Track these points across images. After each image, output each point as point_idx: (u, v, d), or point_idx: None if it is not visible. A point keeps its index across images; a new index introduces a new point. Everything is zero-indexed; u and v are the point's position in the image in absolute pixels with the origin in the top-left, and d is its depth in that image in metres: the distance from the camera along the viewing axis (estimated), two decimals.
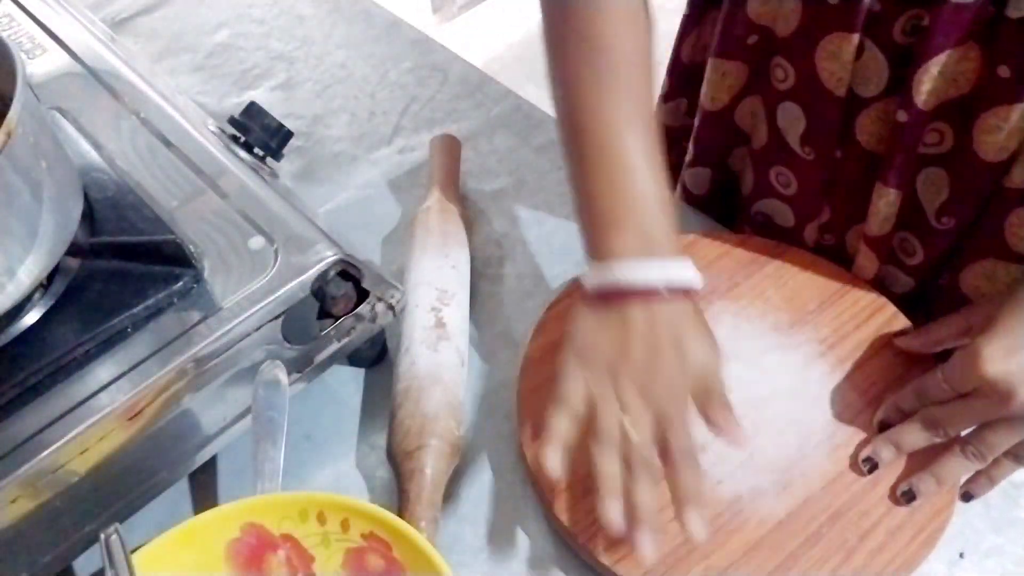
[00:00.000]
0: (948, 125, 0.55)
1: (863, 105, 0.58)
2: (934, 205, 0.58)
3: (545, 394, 0.57)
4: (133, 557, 0.47)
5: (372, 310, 0.57)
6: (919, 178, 0.58)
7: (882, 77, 0.56)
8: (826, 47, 0.56)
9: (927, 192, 0.58)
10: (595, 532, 0.52)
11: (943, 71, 0.52)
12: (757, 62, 0.63)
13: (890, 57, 0.55)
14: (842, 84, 0.57)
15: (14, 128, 0.46)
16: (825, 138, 0.61)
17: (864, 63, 0.56)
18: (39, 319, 0.52)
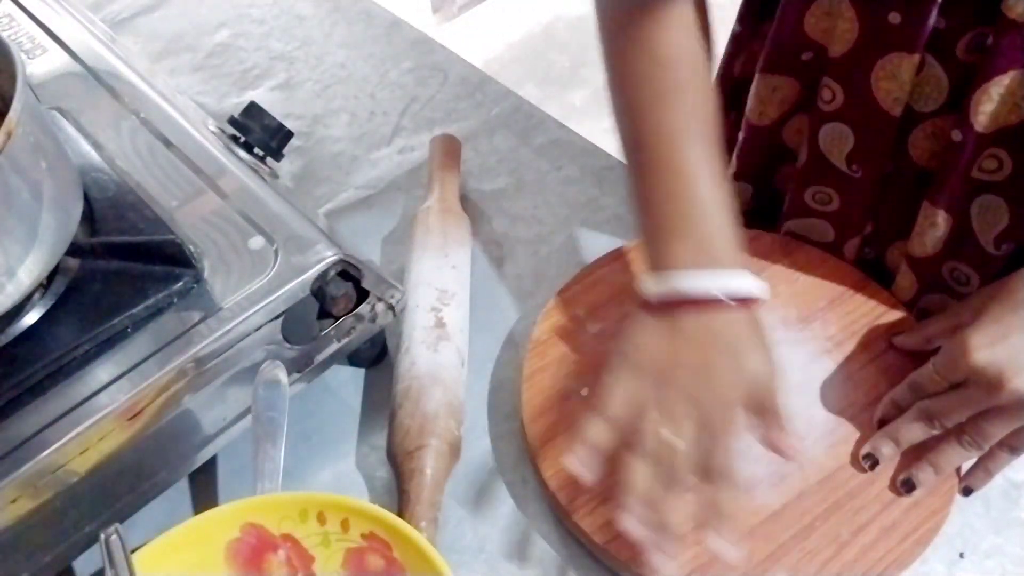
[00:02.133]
0: (1007, 152, 0.54)
1: (919, 120, 0.56)
2: (990, 233, 0.57)
3: (549, 376, 0.58)
4: (133, 557, 0.47)
5: (372, 310, 0.57)
6: (973, 207, 0.57)
7: (941, 93, 0.54)
8: (885, 67, 0.55)
9: (983, 220, 0.57)
10: (589, 511, 0.52)
11: (1004, 93, 0.51)
12: (810, 79, 0.62)
13: (952, 75, 0.53)
14: (898, 104, 0.56)
15: (14, 128, 0.46)
16: (876, 156, 0.60)
17: (924, 79, 0.55)
18: (39, 319, 0.52)
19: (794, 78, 0.63)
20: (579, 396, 0.58)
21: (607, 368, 0.50)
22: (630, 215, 0.71)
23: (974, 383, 0.50)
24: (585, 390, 0.58)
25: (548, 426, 0.56)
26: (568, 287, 0.63)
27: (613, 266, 0.64)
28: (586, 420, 0.49)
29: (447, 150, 0.72)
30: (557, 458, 0.55)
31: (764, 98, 0.64)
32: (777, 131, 0.67)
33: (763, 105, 0.65)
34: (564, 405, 0.57)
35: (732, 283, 0.50)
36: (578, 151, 0.77)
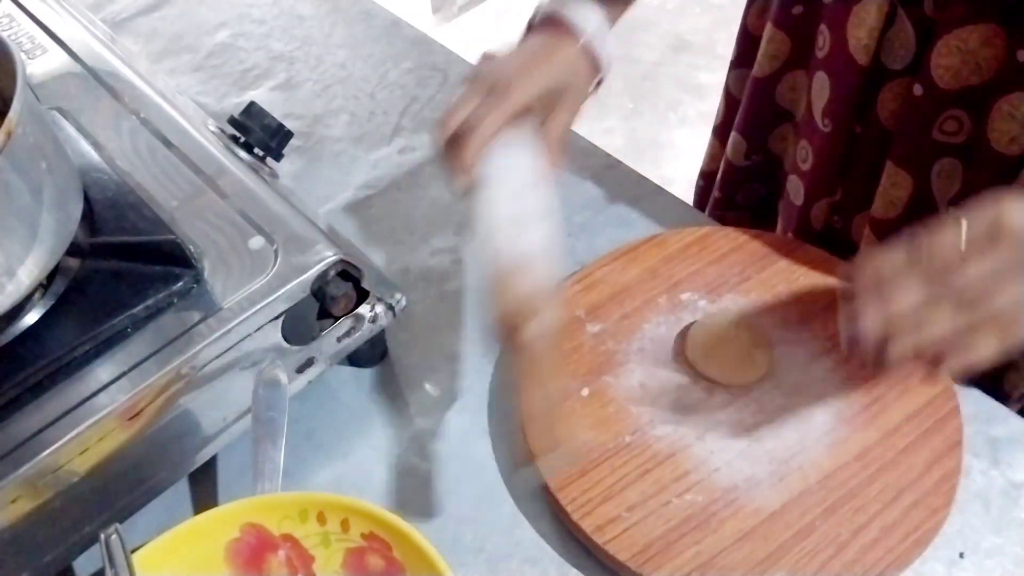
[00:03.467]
0: (966, 113, 0.55)
1: (888, 78, 0.58)
2: (945, 197, 0.58)
3: None
4: (133, 557, 0.47)
5: (372, 310, 0.57)
6: (934, 169, 0.58)
7: (908, 50, 0.56)
8: (858, 13, 0.57)
9: (941, 183, 0.58)
10: (588, 512, 0.53)
11: (962, 48, 0.52)
12: (800, 34, 0.63)
13: (918, 29, 0.55)
14: (867, 52, 0.57)
15: (14, 128, 0.46)
16: (844, 109, 0.61)
17: (894, 33, 0.56)
18: (39, 319, 0.52)
19: (786, 33, 0.65)
20: (579, 396, 0.58)
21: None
22: (630, 214, 0.71)
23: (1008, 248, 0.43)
24: (585, 390, 0.58)
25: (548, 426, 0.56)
26: (567, 287, 0.63)
27: (612, 266, 0.65)
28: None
29: None
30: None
31: (763, 47, 0.67)
32: (771, 87, 0.68)
33: (761, 55, 0.68)
34: (564, 405, 0.57)
35: (567, 9, 0.57)
36: (578, 151, 0.77)
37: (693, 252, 0.65)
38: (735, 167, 0.77)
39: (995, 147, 0.54)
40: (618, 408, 0.57)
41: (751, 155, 0.75)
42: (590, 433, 0.56)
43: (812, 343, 0.60)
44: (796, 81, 0.66)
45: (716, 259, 0.64)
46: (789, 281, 0.63)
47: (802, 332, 0.60)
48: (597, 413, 0.57)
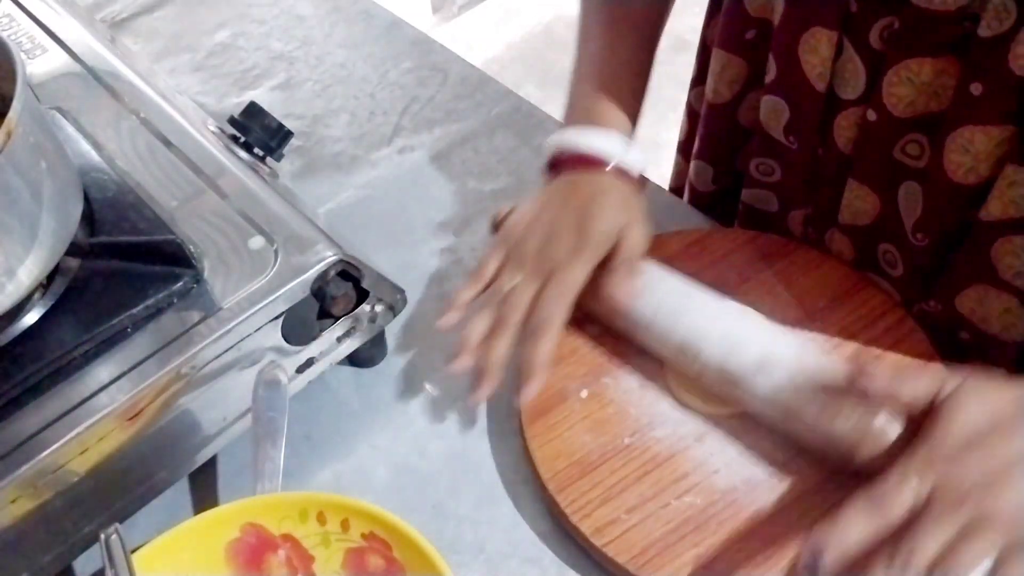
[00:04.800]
0: (927, 139, 0.54)
1: (841, 107, 0.58)
2: (911, 220, 0.58)
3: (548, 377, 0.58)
4: (133, 557, 0.47)
5: (372, 310, 0.57)
6: (900, 191, 0.58)
7: (859, 81, 0.56)
8: (808, 40, 0.56)
9: (906, 205, 0.58)
10: (587, 514, 0.53)
11: (915, 80, 0.52)
12: (755, 58, 0.63)
13: (867, 62, 0.54)
14: (822, 79, 0.57)
15: (14, 128, 0.46)
16: (807, 129, 0.61)
17: (843, 64, 0.56)
18: (39, 319, 0.52)
19: (740, 57, 0.65)
20: (578, 398, 0.58)
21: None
22: None
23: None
24: (584, 391, 0.58)
25: (547, 428, 0.56)
26: None
27: None
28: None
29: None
30: (555, 460, 0.55)
31: (716, 75, 0.67)
32: (732, 111, 0.68)
33: (716, 82, 0.68)
34: (563, 407, 0.57)
35: (601, 141, 0.59)
36: None
37: (693, 253, 0.65)
38: (703, 192, 0.77)
39: (951, 177, 0.53)
40: (617, 410, 0.57)
41: (719, 180, 0.74)
42: (589, 435, 0.56)
43: (812, 345, 0.59)
44: (756, 101, 0.66)
45: (716, 260, 0.64)
46: (788, 283, 0.63)
47: (802, 334, 0.60)
48: (596, 415, 0.57)
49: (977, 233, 0.55)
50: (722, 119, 0.69)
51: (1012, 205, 0.52)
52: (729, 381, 0.54)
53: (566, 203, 0.58)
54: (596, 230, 0.56)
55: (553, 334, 0.55)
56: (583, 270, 0.56)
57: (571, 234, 0.57)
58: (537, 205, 0.59)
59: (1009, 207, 0.52)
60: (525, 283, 0.56)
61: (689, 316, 0.56)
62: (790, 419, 0.53)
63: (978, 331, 0.60)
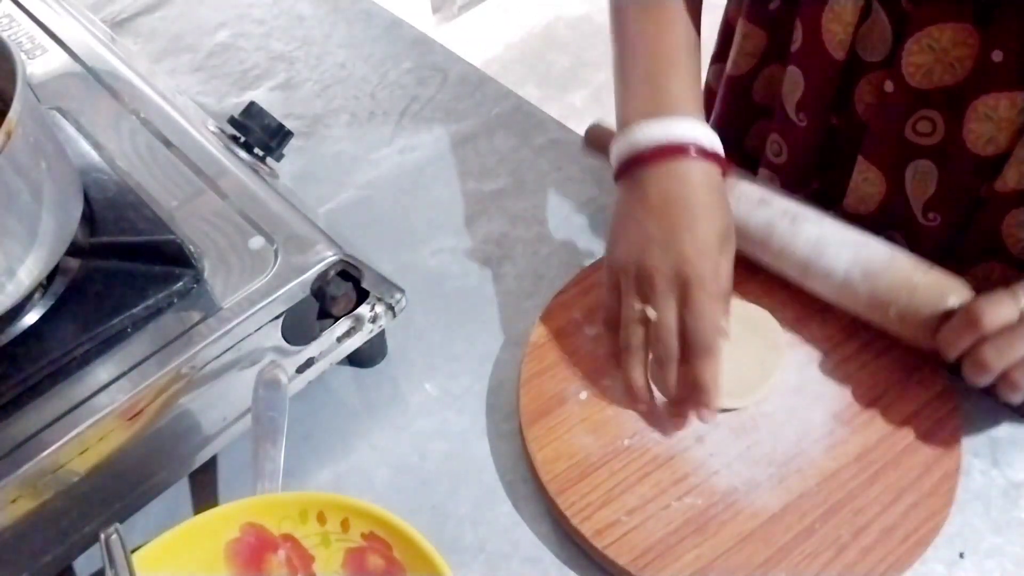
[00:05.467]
0: (940, 114, 0.55)
1: (865, 71, 0.58)
2: (921, 200, 0.58)
3: (547, 379, 0.58)
4: (133, 557, 0.47)
5: (372, 310, 0.57)
6: (908, 171, 0.58)
7: (885, 43, 0.56)
8: (833, 7, 0.56)
9: (915, 186, 0.58)
10: (587, 516, 0.52)
11: (935, 47, 0.52)
12: (778, 30, 0.63)
13: (894, 23, 0.55)
14: (842, 47, 0.57)
15: (14, 128, 0.46)
16: (820, 103, 0.61)
17: (869, 27, 0.56)
18: (39, 319, 0.52)
19: (762, 28, 0.65)
20: (577, 399, 0.58)
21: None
22: None
23: None
24: (583, 393, 0.58)
25: (546, 430, 0.56)
26: (565, 290, 0.63)
27: None
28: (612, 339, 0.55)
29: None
30: (555, 462, 0.55)
31: (737, 44, 0.67)
32: (748, 84, 0.68)
33: (736, 54, 0.67)
34: (562, 409, 0.57)
35: (679, 128, 0.53)
36: (578, 151, 0.77)
37: None
38: None
39: (971, 148, 0.54)
40: (616, 412, 0.57)
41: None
42: (589, 437, 0.56)
43: (810, 344, 0.60)
44: (773, 76, 0.66)
45: None
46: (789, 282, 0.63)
47: (801, 333, 0.60)
48: (595, 416, 0.57)
49: (990, 207, 0.56)
50: (739, 93, 0.69)
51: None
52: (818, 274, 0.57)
53: (670, 206, 0.53)
54: (715, 219, 0.53)
55: (719, 350, 0.52)
56: (724, 267, 0.53)
57: (685, 231, 0.52)
58: (633, 220, 0.54)
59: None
60: (663, 301, 0.52)
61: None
62: (875, 307, 0.55)
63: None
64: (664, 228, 0.52)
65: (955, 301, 0.52)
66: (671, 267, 0.52)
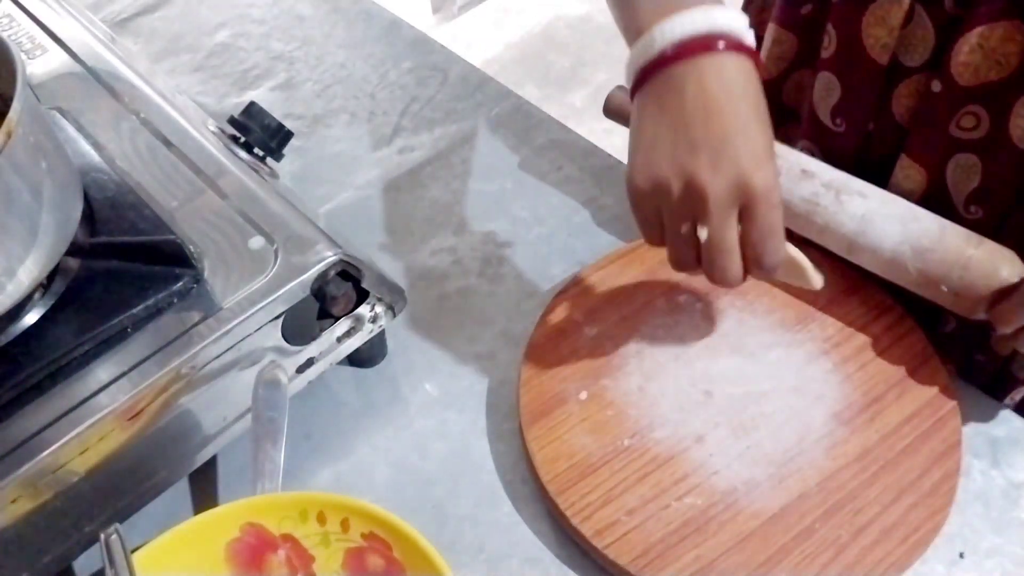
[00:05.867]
0: (985, 110, 0.54)
1: (905, 75, 0.57)
2: (963, 194, 0.58)
3: (547, 380, 0.58)
4: (133, 557, 0.47)
5: (372, 310, 0.57)
6: (950, 165, 0.58)
7: (927, 46, 0.55)
8: (875, 12, 0.56)
9: (958, 179, 0.58)
10: (587, 516, 0.52)
11: (984, 46, 0.52)
12: (809, 35, 0.63)
13: (938, 26, 0.54)
14: (886, 51, 0.57)
15: (14, 128, 0.46)
16: (859, 109, 0.61)
17: (912, 30, 0.55)
18: (39, 319, 0.52)
19: (793, 33, 0.64)
20: (577, 399, 0.58)
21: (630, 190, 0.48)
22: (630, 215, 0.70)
23: None
24: (583, 393, 0.58)
25: (546, 430, 0.56)
26: (565, 290, 0.63)
27: (610, 268, 0.64)
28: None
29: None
30: (555, 462, 0.55)
31: (767, 49, 0.66)
32: (777, 88, 0.67)
33: (765, 57, 0.66)
34: (562, 409, 0.57)
35: (719, 17, 0.46)
36: (578, 151, 0.77)
37: None
38: None
39: (1016, 143, 0.53)
40: (616, 411, 0.57)
41: None
42: (589, 437, 0.56)
43: (810, 344, 0.60)
44: (803, 80, 0.66)
45: None
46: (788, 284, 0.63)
47: (800, 333, 0.60)
48: (595, 416, 0.57)
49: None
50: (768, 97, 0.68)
51: None
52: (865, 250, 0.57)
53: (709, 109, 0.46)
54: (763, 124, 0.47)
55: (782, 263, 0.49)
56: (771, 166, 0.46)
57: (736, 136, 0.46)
58: (653, 116, 0.47)
59: None
60: (719, 221, 0.46)
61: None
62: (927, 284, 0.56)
63: None
64: (711, 135, 0.45)
65: (1008, 273, 0.53)
66: (727, 179, 0.45)
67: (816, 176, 0.59)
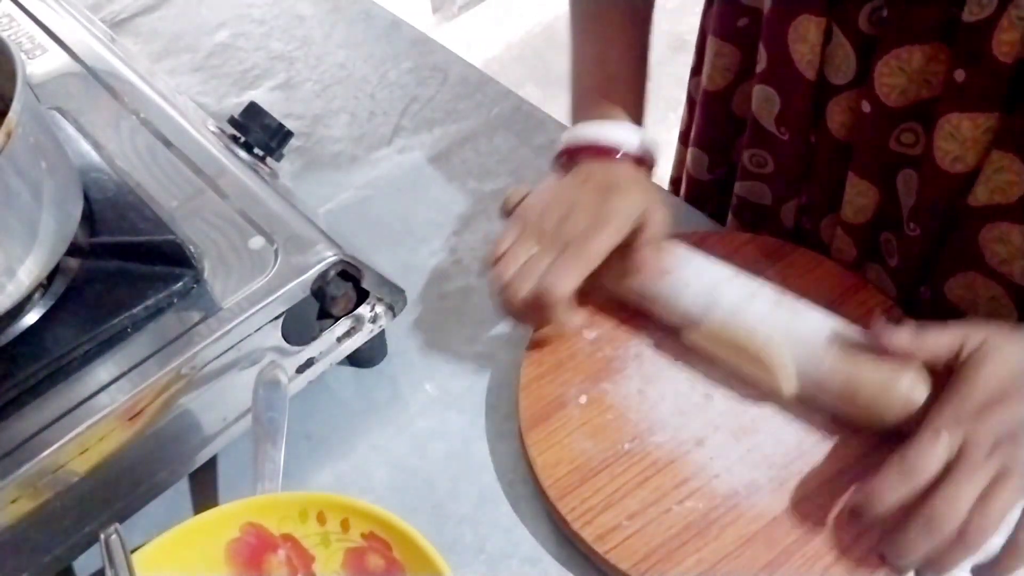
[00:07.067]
0: (921, 127, 0.55)
1: (833, 92, 0.58)
2: (906, 208, 0.58)
3: (547, 384, 0.58)
4: (133, 557, 0.47)
5: (372, 310, 0.57)
6: (899, 178, 0.58)
7: (850, 66, 0.56)
8: (797, 28, 0.56)
9: (905, 192, 0.58)
10: (588, 521, 0.52)
11: (906, 67, 0.52)
12: (748, 46, 0.63)
13: (856, 46, 0.54)
14: (811, 67, 0.57)
15: (14, 128, 0.46)
16: (798, 119, 0.61)
17: (833, 50, 0.56)
18: (39, 319, 0.52)
19: (734, 45, 0.65)
20: (577, 403, 0.57)
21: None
22: None
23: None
24: (583, 397, 0.58)
25: (546, 435, 0.56)
26: None
27: None
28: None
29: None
30: (555, 467, 0.55)
31: (711, 62, 0.67)
32: (727, 99, 0.69)
33: (711, 70, 0.68)
34: (562, 413, 0.57)
35: (614, 132, 0.60)
36: None
37: None
38: (699, 181, 0.77)
39: (940, 165, 0.53)
40: (616, 415, 0.57)
41: (714, 169, 0.75)
42: (589, 441, 0.56)
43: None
44: (750, 91, 0.66)
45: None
46: (786, 284, 0.62)
47: None
48: (595, 421, 0.57)
49: (965, 220, 0.55)
50: (717, 107, 0.69)
51: (998, 191, 0.53)
52: (755, 359, 0.55)
53: (585, 184, 0.58)
54: (619, 207, 0.56)
55: (563, 296, 0.54)
56: (604, 243, 0.55)
57: (592, 210, 0.56)
58: (555, 186, 0.60)
59: (995, 193, 0.53)
60: (542, 253, 0.56)
61: (719, 293, 0.57)
62: (819, 391, 0.54)
63: (966, 318, 0.60)
64: (576, 202, 0.57)
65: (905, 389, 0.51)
66: (569, 229, 0.56)
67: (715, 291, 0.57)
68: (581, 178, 0.59)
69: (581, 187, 0.58)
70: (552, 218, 0.57)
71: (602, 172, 0.59)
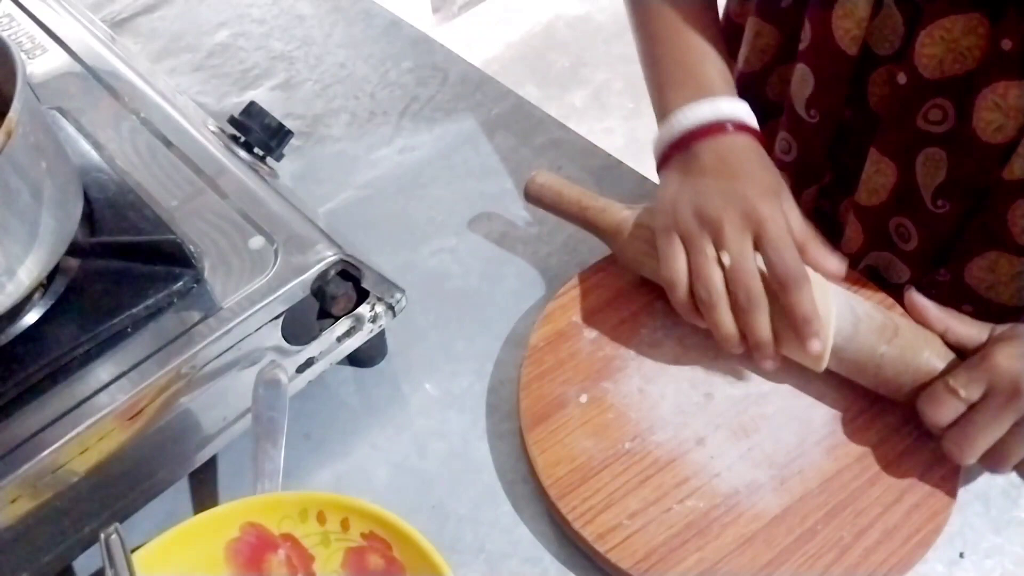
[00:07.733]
0: (951, 102, 0.55)
1: (877, 64, 0.59)
2: (931, 187, 0.59)
3: (547, 383, 0.58)
4: (133, 557, 0.47)
5: (372, 310, 0.57)
6: (919, 158, 0.59)
7: (897, 35, 0.56)
8: (844, 5, 0.57)
9: (925, 173, 0.59)
10: (589, 520, 0.52)
11: (947, 38, 0.52)
12: (790, 27, 0.64)
13: (906, 16, 0.55)
14: (855, 43, 0.58)
15: (14, 128, 0.46)
16: (831, 99, 0.62)
17: (882, 20, 0.57)
18: (39, 319, 0.52)
19: (775, 26, 0.66)
20: (577, 403, 0.57)
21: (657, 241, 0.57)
22: None
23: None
24: (584, 396, 0.58)
25: (547, 434, 0.56)
26: (565, 292, 0.63)
27: (608, 271, 0.64)
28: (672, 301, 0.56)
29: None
30: (556, 467, 0.55)
31: (749, 43, 0.68)
32: (761, 82, 0.69)
33: (748, 51, 0.68)
34: (562, 412, 0.57)
35: (725, 107, 0.58)
36: (578, 151, 0.77)
37: None
38: None
39: (980, 136, 0.54)
40: (617, 414, 0.57)
41: None
42: (589, 440, 0.56)
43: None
44: (787, 75, 0.67)
45: None
46: None
47: None
48: (596, 420, 0.57)
49: (997, 195, 0.56)
50: (751, 91, 0.69)
51: None
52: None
53: (724, 165, 0.56)
54: (769, 175, 0.56)
55: (806, 278, 0.52)
56: (785, 205, 0.55)
57: (744, 181, 0.55)
58: (685, 186, 0.57)
59: None
60: (737, 244, 0.53)
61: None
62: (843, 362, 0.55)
63: (984, 301, 0.61)
64: (723, 183, 0.55)
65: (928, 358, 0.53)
66: (738, 211, 0.54)
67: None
68: (713, 171, 0.56)
69: (715, 168, 0.56)
70: (710, 205, 0.55)
71: (727, 155, 0.57)
